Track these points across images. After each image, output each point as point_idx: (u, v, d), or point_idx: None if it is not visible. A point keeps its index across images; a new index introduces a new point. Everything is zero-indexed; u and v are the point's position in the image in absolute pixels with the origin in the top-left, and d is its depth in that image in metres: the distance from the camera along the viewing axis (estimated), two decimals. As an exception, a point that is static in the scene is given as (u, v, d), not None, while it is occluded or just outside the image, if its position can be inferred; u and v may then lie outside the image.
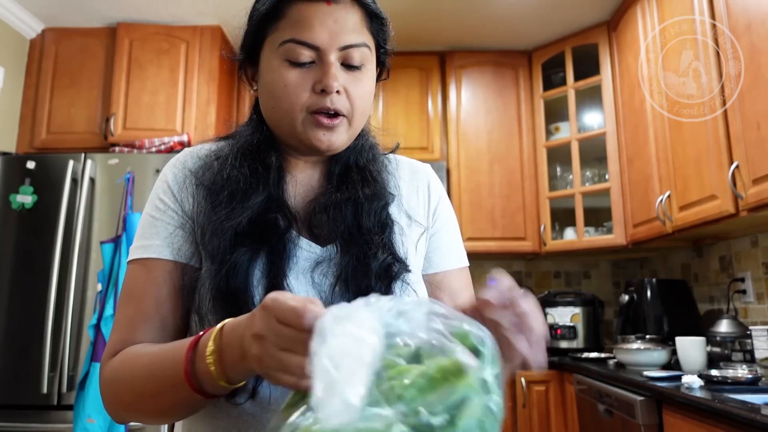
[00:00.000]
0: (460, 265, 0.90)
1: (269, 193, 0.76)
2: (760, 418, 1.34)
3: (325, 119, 0.74)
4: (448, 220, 0.91)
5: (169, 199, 0.78)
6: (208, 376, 0.60)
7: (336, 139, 0.76)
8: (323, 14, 0.74)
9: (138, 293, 0.74)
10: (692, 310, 2.64)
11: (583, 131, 3.14)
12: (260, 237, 0.73)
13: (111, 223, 2.55)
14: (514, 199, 3.23)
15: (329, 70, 0.73)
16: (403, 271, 0.77)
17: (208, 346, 0.59)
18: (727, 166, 1.96)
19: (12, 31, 3.01)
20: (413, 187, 0.89)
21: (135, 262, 0.76)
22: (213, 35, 3.11)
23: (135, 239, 0.78)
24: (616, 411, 2.08)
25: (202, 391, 0.61)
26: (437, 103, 3.38)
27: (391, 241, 0.78)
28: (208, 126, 2.99)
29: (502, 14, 3.05)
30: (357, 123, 0.78)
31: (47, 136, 3.02)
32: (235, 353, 0.57)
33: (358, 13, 0.77)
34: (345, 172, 0.83)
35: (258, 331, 0.53)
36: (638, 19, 2.66)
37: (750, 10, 1.86)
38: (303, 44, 0.73)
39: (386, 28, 0.82)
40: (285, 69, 0.75)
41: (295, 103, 0.74)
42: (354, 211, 0.77)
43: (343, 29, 0.74)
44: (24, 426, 2.37)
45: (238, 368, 0.58)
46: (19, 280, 2.52)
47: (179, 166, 0.81)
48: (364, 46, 0.76)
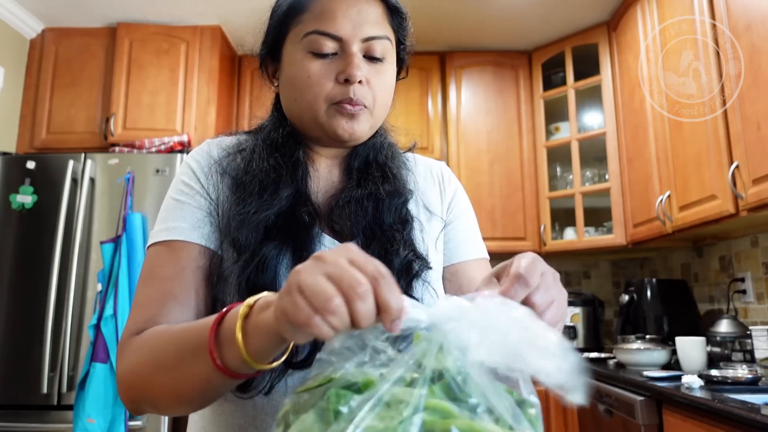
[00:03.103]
0: (479, 256, 0.88)
1: (297, 188, 0.76)
2: (760, 418, 1.34)
3: (347, 107, 0.75)
4: (464, 212, 0.91)
5: (195, 184, 0.78)
6: (232, 344, 0.55)
7: (358, 127, 0.77)
8: (346, 6, 0.75)
9: (163, 274, 0.71)
10: (692, 310, 2.64)
11: (583, 131, 3.14)
12: (287, 232, 0.73)
13: (111, 223, 2.55)
14: (514, 199, 3.23)
15: (352, 60, 0.74)
16: (424, 268, 0.77)
17: (240, 310, 0.55)
18: (727, 166, 1.96)
19: (12, 31, 3.01)
20: (429, 183, 0.90)
21: (159, 245, 0.74)
22: (213, 35, 3.11)
23: (157, 223, 0.77)
24: (616, 411, 2.08)
25: (223, 365, 0.56)
26: (437, 103, 3.38)
27: (411, 237, 0.78)
28: (208, 126, 3.00)
29: (502, 14, 3.05)
30: (378, 114, 0.79)
31: (47, 136, 3.02)
32: (267, 315, 0.52)
33: (380, 6, 0.78)
34: (365, 168, 0.83)
35: (313, 262, 0.48)
36: (638, 19, 2.66)
37: (750, 10, 1.86)
38: (326, 35, 0.75)
39: (406, 23, 0.83)
40: (308, 60, 0.75)
41: (319, 93, 0.75)
42: (375, 207, 0.78)
43: (365, 21, 0.76)
44: (24, 426, 2.37)
45: (265, 333, 0.53)
46: (19, 280, 2.52)
47: (204, 155, 0.81)
48: (385, 38, 0.77)
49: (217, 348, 0.57)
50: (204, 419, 0.76)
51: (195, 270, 0.72)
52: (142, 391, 0.65)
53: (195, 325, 0.62)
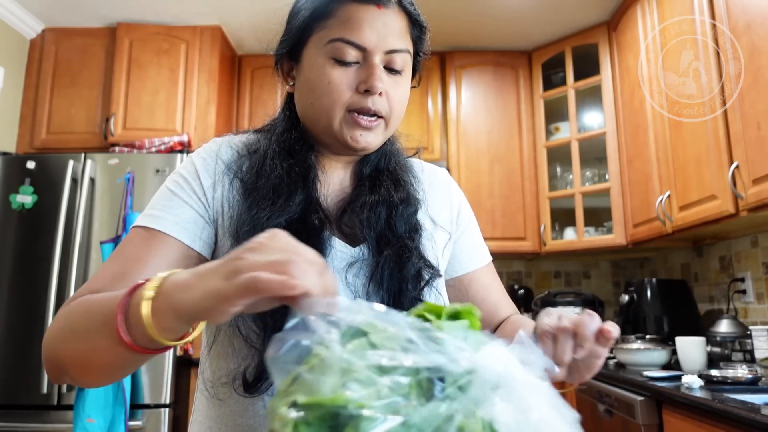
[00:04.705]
0: (486, 261, 0.94)
1: (308, 194, 0.77)
2: (760, 418, 1.34)
3: (363, 120, 0.76)
4: (470, 222, 0.95)
5: (194, 182, 0.78)
6: (140, 322, 0.53)
7: (373, 140, 0.78)
8: (373, 17, 0.75)
9: (129, 255, 0.72)
10: (692, 310, 2.64)
11: (583, 131, 3.14)
12: (299, 237, 0.72)
13: (111, 223, 2.55)
14: (514, 199, 3.24)
15: (375, 71, 0.75)
16: (435, 276, 0.79)
17: (146, 292, 0.53)
18: (727, 166, 1.96)
19: (12, 31, 3.01)
20: (436, 192, 0.92)
21: (140, 228, 0.74)
22: (213, 35, 3.11)
23: (147, 207, 0.77)
24: (616, 411, 2.08)
25: (131, 340, 0.54)
26: (437, 103, 3.38)
27: (422, 246, 0.80)
28: (208, 126, 3.00)
29: (502, 14, 3.05)
30: (392, 126, 0.80)
31: (47, 136, 3.02)
32: (187, 296, 0.50)
33: (404, 19, 0.79)
34: (376, 174, 0.84)
35: (254, 244, 0.49)
36: (638, 19, 2.66)
37: (750, 10, 1.86)
38: (351, 44, 0.75)
39: (425, 36, 0.84)
40: (330, 66, 0.76)
41: (337, 101, 0.75)
42: (388, 214, 0.79)
43: (390, 33, 0.76)
44: (24, 426, 2.37)
45: (179, 312, 0.51)
46: (19, 280, 2.52)
47: (211, 154, 0.81)
48: (406, 51, 0.78)
49: (125, 323, 0.55)
50: (210, 419, 0.76)
51: (162, 261, 0.72)
52: (54, 358, 0.64)
53: (107, 296, 0.61)
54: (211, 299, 0.48)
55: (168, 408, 2.42)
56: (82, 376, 0.63)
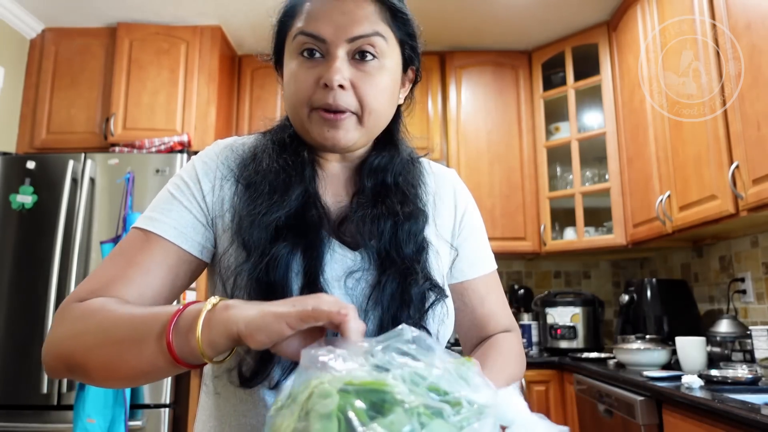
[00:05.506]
0: (487, 270, 0.90)
1: (306, 188, 0.76)
2: (760, 418, 1.34)
3: (329, 116, 0.72)
4: (475, 229, 0.90)
5: (194, 186, 0.78)
6: (189, 332, 0.58)
7: (342, 136, 0.73)
8: (330, 6, 0.73)
9: (129, 257, 0.72)
10: (692, 310, 2.64)
11: (583, 131, 3.14)
12: (298, 232, 0.73)
13: (111, 223, 2.55)
14: (514, 198, 3.24)
15: (332, 64, 0.71)
16: (441, 298, 0.76)
17: (205, 306, 0.59)
18: (727, 166, 1.96)
19: (12, 31, 3.01)
20: (442, 198, 0.88)
21: (139, 230, 0.75)
22: (213, 35, 3.11)
23: (148, 208, 0.77)
24: (616, 411, 2.08)
25: (175, 352, 0.58)
26: (437, 103, 3.38)
27: (428, 266, 0.77)
28: (208, 126, 3.00)
29: (502, 14, 3.05)
30: (371, 121, 0.75)
31: (47, 136, 3.02)
32: (230, 314, 0.56)
33: (371, 5, 0.74)
34: (381, 183, 0.80)
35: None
36: (638, 19, 2.66)
37: (750, 10, 1.86)
38: (310, 36, 0.73)
39: (408, 20, 0.80)
40: (297, 64, 0.74)
41: (302, 98, 0.73)
42: (393, 231, 0.76)
43: (351, 21, 0.72)
44: (24, 426, 2.37)
45: (224, 330, 0.56)
46: (19, 280, 2.52)
47: (212, 157, 0.80)
48: (375, 35, 0.73)
49: (174, 334, 0.59)
50: (214, 419, 0.76)
51: (162, 266, 0.73)
52: (79, 360, 0.64)
53: (153, 309, 0.64)
54: (269, 317, 0.54)
55: (168, 408, 2.42)
56: (103, 380, 0.65)
